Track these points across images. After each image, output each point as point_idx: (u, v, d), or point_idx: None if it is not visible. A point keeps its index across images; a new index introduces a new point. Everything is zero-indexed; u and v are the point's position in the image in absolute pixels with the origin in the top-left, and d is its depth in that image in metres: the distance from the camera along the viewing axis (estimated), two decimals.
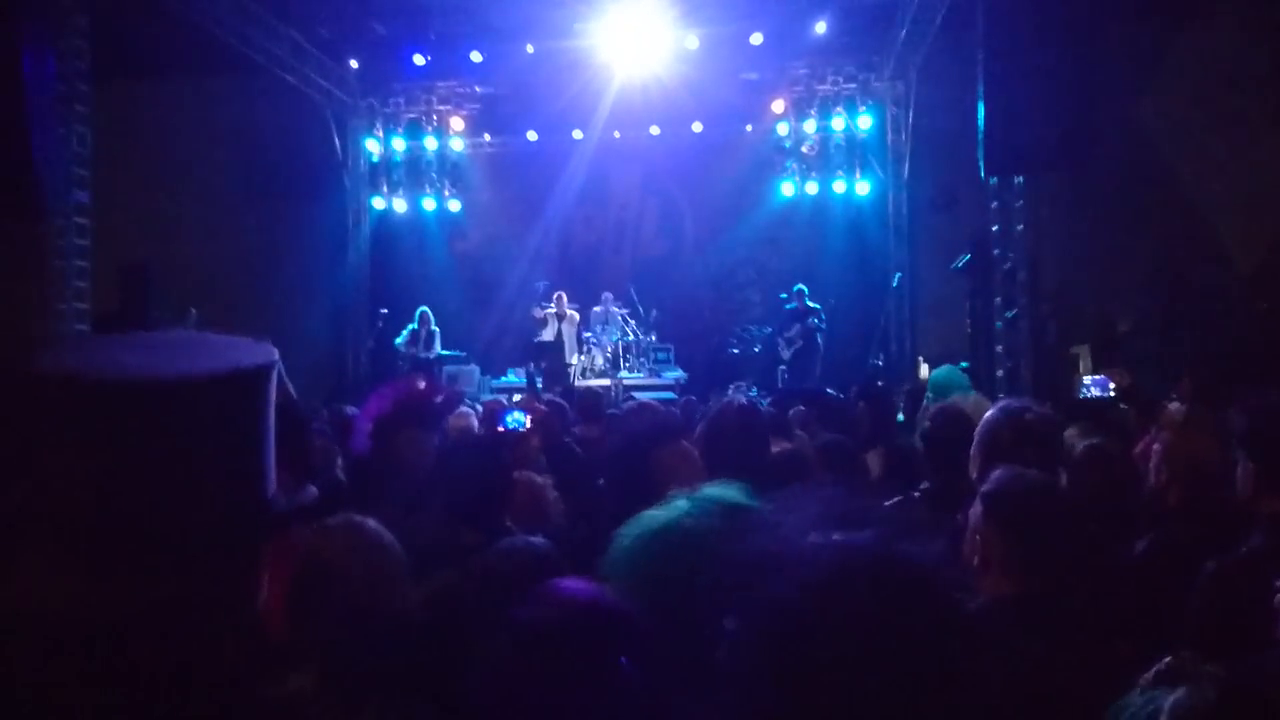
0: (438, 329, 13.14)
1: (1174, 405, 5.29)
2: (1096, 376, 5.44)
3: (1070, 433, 3.82)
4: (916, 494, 3.55)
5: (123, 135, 11.87)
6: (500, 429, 4.20)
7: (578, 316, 13.39)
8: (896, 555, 0.88)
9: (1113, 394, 5.50)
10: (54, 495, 0.92)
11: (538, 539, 2.34)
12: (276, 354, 1.07)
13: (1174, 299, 10.42)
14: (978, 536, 2.12)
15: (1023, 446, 2.68)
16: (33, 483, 0.92)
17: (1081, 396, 5.50)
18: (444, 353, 13.19)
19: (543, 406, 5.22)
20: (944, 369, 5.59)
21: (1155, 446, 3.03)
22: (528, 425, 4.23)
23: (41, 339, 8.76)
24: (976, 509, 2.17)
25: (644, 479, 2.41)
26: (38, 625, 0.91)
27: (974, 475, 2.74)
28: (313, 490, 1.18)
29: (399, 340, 13.11)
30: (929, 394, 5.30)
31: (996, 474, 2.26)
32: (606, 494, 2.80)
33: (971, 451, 2.87)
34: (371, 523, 2.01)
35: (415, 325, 13.09)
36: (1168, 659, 1.07)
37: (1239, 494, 2.52)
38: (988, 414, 2.97)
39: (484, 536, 2.49)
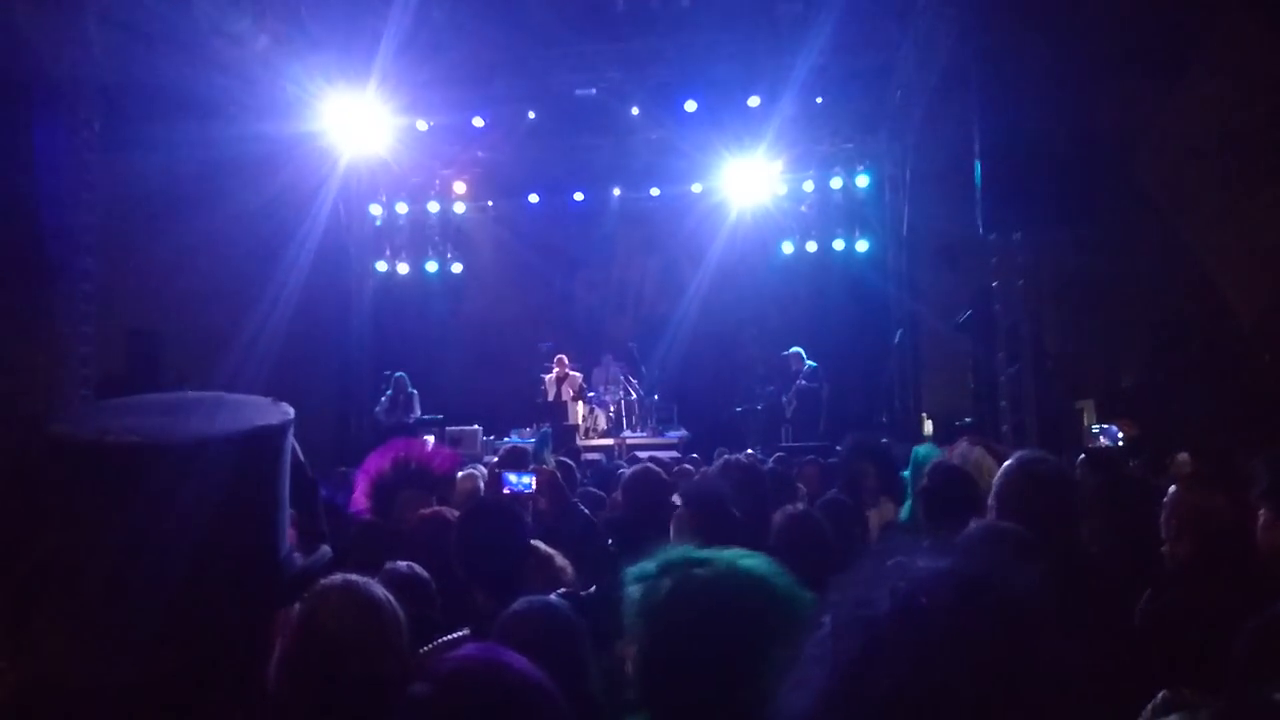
0: (414, 391, 13.11)
1: (1182, 457, 5.25)
2: (1106, 426, 5.41)
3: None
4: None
5: (127, 203, 12.01)
6: (505, 490, 4.15)
7: (580, 378, 13.40)
8: (988, 576, 0.88)
9: (1121, 444, 5.46)
10: (70, 561, 0.90)
11: (555, 598, 2.31)
12: (292, 413, 1.06)
13: (1176, 353, 10.41)
14: None
15: (1039, 498, 2.66)
16: (49, 549, 0.90)
17: (1091, 445, 5.46)
18: (424, 417, 13.13)
19: (550, 469, 5.17)
20: (925, 448, 5.53)
21: (1166, 499, 3.00)
22: (534, 487, 4.18)
23: (47, 404, 8.77)
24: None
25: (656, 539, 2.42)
26: (54, 692, 0.89)
27: None
28: (326, 551, 1.16)
29: (378, 409, 13.10)
30: (909, 469, 5.22)
31: (969, 528, 2.25)
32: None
33: (989, 503, 2.85)
34: (369, 583, 1.97)
35: (391, 391, 13.07)
36: (1164, 692, 1.06)
37: (1260, 546, 2.49)
38: (1005, 466, 2.95)
39: (499, 601, 2.47)
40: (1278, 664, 2.07)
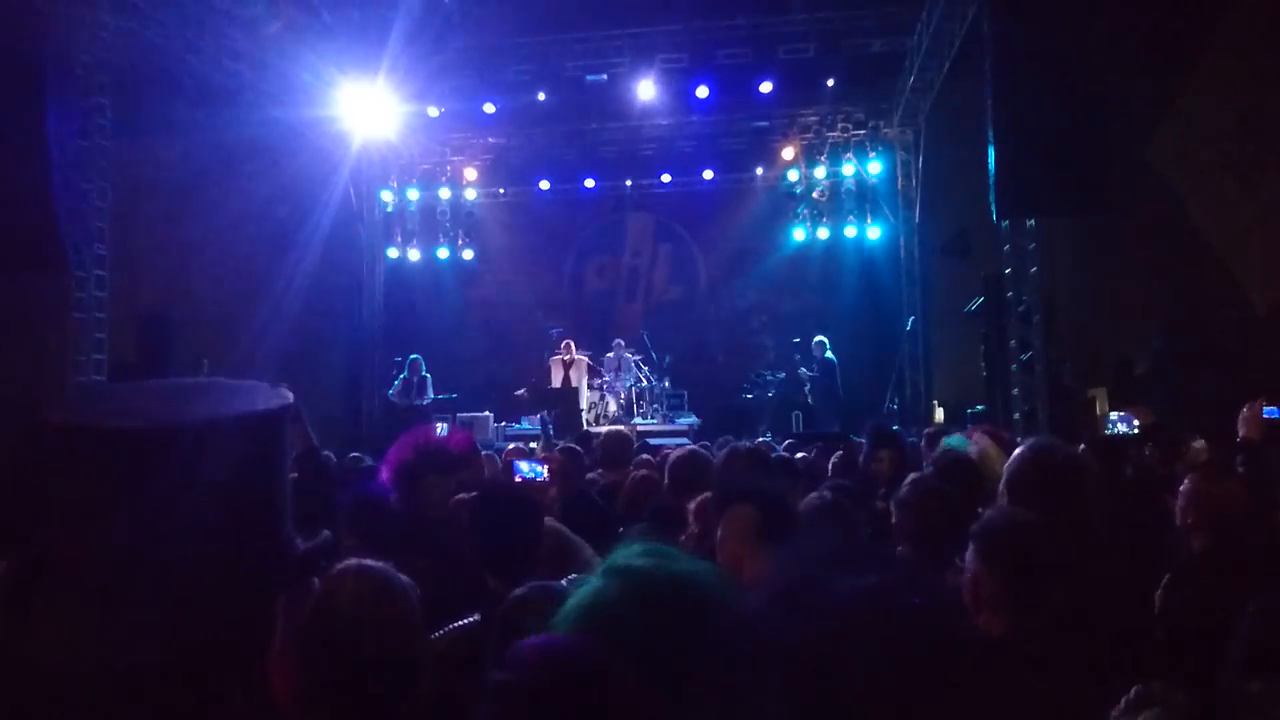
0: (429, 375, 13.16)
1: (1198, 445, 5.22)
2: (1121, 413, 5.38)
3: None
4: None
5: (140, 187, 12.05)
6: (517, 479, 4.15)
7: (587, 362, 13.39)
8: (907, 596, 0.89)
9: (1136, 432, 5.43)
10: (70, 545, 0.90)
11: (559, 584, 2.31)
12: (292, 398, 1.06)
13: (1190, 340, 10.35)
14: (968, 575, 2.11)
15: (1049, 485, 2.65)
16: (49, 533, 0.91)
17: (1107, 433, 5.42)
18: (438, 397, 13.22)
19: (559, 456, 5.17)
20: (957, 438, 5.50)
21: (1182, 488, 2.98)
22: (545, 475, 4.18)
23: (61, 389, 8.83)
24: (970, 548, 2.17)
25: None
26: (54, 677, 0.89)
27: None
28: (327, 534, 1.16)
29: (391, 391, 13.17)
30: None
31: (988, 513, 2.26)
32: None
33: (999, 491, 2.84)
34: (383, 566, 1.98)
35: (406, 374, 13.13)
36: (1136, 688, 1.06)
37: None
38: (1015, 453, 2.94)
39: (511, 584, 2.47)
40: (1272, 653, 2.06)
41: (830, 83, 13.08)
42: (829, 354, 13.02)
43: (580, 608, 1.35)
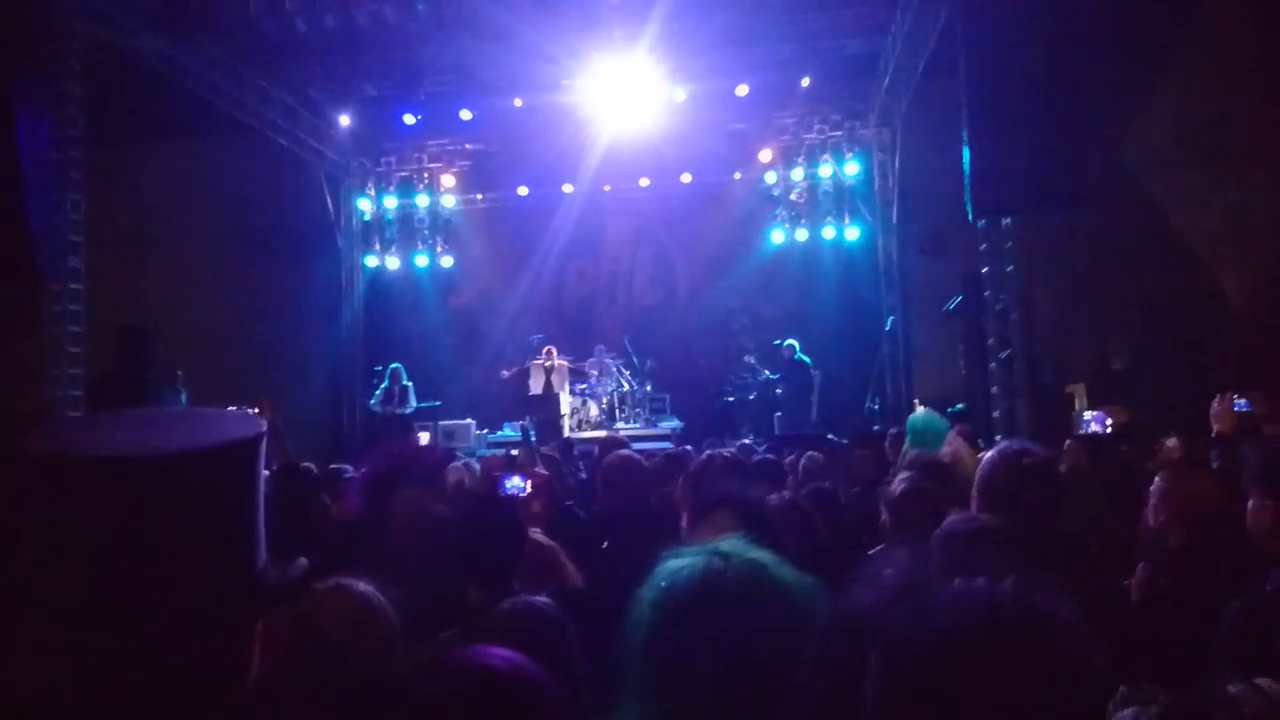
0: (410, 384, 13.12)
1: (1170, 442, 5.28)
2: (1095, 412, 5.43)
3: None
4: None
5: (117, 198, 11.96)
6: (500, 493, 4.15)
7: (568, 367, 13.38)
8: (1040, 606, 0.89)
9: (1109, 430, 5.48)
10: (45, 576, 0.90)
11: (541, 599, 2.31)
12: (265, 425, 1.06)
13: (1167, 335, 10.46)
14: None
15: (1021, 488, 2.67)
16: (24, 564, 0.91)
17: (1080, 432, 5.47)
18: (421, 405, 13.18)
19: (543, 471, 5.17)
20: (922, 415, 5.54)
21: (1153, 486, 3.01)
22: (528, 490, 4.18)
23: (37, 403, 8.73)
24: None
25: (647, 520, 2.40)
26: (28, 707, 0.89)
27: None
28: (303, 562, 1.16)
29: (373, 401, 13.13)
30: (908, 438, 5.30)
31: (951, 518, 2.27)
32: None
33: (972, 495, 2.86)
34: (361, 585, 1.97)
35: (387, 383, 13.08)
36: (1122, 689, 1.08)
37: (1252, 532, 2.49)
38: (986, 457, 2.96)
39: (493, 596, 2.47)
40: (1259, 648, 2.08)
41: (805, 83, 13.14)
42: (799, 356, 13.04)
43: (680, 589, 1.33)
